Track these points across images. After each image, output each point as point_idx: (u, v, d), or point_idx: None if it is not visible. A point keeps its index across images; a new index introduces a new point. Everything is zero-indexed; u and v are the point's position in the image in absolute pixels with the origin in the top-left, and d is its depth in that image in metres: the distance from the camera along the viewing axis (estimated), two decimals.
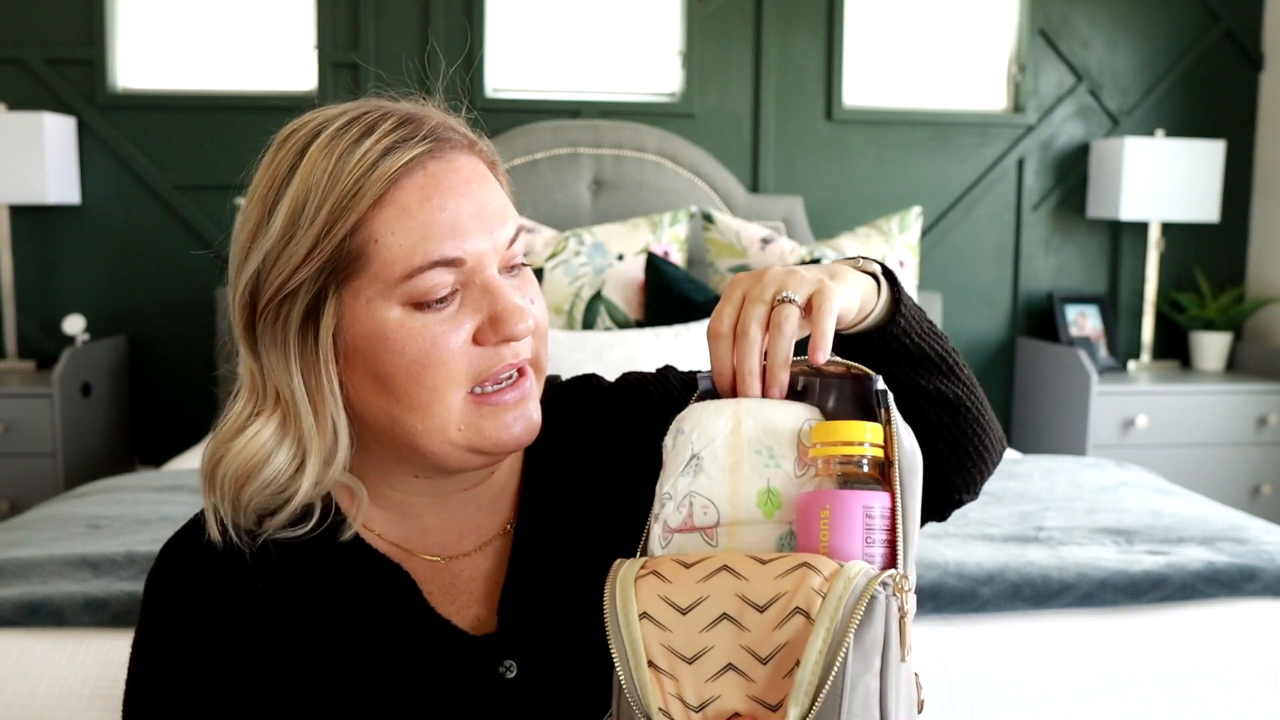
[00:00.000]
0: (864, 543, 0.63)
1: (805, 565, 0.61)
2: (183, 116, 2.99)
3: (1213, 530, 1.56)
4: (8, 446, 2.62)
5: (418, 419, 0.73)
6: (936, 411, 0.79)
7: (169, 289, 3.02)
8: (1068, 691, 1.25)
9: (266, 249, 0.71)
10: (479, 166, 0.75)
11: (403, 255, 0.69)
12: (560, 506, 0.83)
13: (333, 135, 0.71)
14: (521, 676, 0.77)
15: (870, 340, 0.77)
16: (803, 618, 0.59)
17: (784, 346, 0.68)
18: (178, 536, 0.81)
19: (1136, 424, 2.89)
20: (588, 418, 0.86)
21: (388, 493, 0.81)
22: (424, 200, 0.70)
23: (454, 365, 0.72)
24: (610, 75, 3.12)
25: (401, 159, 0.70)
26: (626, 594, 0.63)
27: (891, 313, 0.77)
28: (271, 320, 0.72)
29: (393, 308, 0.71)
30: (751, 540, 0.67)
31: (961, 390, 0.80)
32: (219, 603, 0.77)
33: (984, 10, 3.22)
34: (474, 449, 0.75)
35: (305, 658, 0.76)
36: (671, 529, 0.68)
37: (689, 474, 0.69)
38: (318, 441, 0.73)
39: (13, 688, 1.19)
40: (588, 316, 2.54)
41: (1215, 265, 3.35)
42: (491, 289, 0.72)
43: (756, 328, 0.68)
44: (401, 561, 0.80)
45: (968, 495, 0.84)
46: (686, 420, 0.70)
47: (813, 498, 0.65)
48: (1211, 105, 3.29)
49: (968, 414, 0.80)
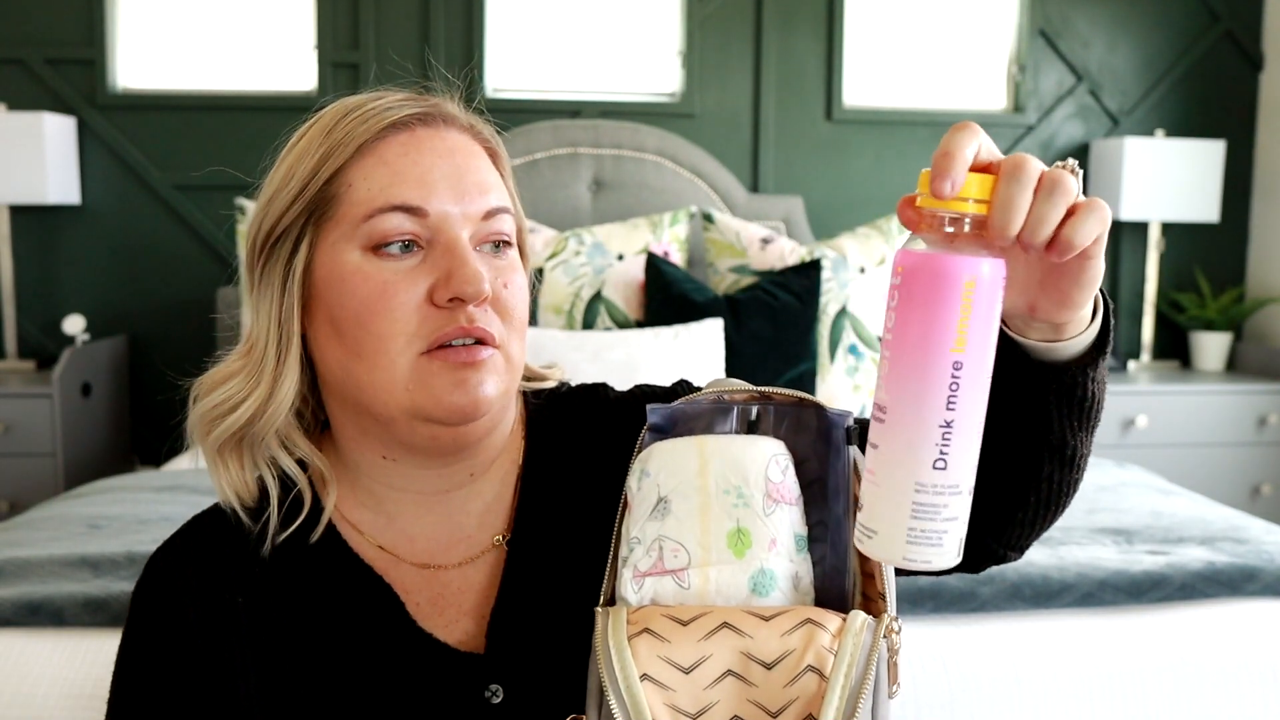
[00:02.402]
0: (994, 334, 0.55)
1: (810, 622, 0.64)
2: (183, 116, 2.99)
3: (1213, 530, 1.56)
4: (8, 446, 2.62)
5: (365, 370, 0.72)
6: (1053, 467, 0.71)
7: (169, 289, 3.02)
8: (1068, 691, 1.25)
9: (271, 191, 0.75)
10: (473, 146, 0.77)
11: (368, 198, 0.72)
12: (558, 522, 0.80)
13: (347, 101, 0.76)
14: (508, 702, 0.75)
15: (1046, 372, 0.67)
16: (816, 675, 0.62)
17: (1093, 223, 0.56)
18: (164, 548, 0.81)
19: (1136, 424, 2.89)
20: (593, 429, 0.83)
21: (366, 483, 0.79)
22: (402, 154, 0.73)
23: (402, 316, 0.71)
24: (610, 75, 3.12)
25: (392, 116, 0.74)
26: (623, 656, 0.63)
27: (1095, 350, 0.67)
28: (262, 264, 0.76)
29: (353, 250, 0.72)
30: (723, 580, 0.67)
31: (1088, 449, 0.72)
32: (201, 616, 0.76)
33: (984, 10, 3.22)
34: (420, 413, 0.72)
35: (287, 671, 0.75)
36: (642, 573, 0.68)
37: (657, 517, 0.68)
38: (267, 379, 0.75)
39: (13, 688, 1.19)
40: (588, 316, 2.54)
41: (1215, 265, 3.35)
42: (452, 249, 0.72)
43: (1072, 181, 0.55)
44: (388, 569, 0.78)
45: (1013, 554, 0.78)
46: (651, 461, 0.69)
47: (947, 263, 0.53)
48: (1211, 105, 3.29)
49: (1077, 475, 0.73)
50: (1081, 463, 0.72)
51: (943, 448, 0.54)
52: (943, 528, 0.55)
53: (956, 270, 0.53)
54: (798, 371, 2.42)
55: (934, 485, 0.55)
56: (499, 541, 0.80)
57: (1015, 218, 0.53)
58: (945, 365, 0.53)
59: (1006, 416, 0.68)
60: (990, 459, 0.70)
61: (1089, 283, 0.60)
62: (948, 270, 0.53)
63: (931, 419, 0.54)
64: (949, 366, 0.53)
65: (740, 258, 2.64)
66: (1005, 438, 0.70)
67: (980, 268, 0.53)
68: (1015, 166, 0.54)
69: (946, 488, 0.55)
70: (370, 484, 0.79)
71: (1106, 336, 0.67)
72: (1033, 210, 0.54)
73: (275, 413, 0.75)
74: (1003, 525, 0.74)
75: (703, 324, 2.39)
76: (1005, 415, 0.68)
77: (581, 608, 0.75)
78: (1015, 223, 0.53)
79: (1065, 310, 0.62)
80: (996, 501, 0.73)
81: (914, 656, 1.25)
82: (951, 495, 0.55)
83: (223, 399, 0.75)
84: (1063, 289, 0.60)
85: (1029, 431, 0.69)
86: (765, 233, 2.68)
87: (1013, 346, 0.66)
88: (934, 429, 0.54)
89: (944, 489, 0.55)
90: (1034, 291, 0.62)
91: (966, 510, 0.56)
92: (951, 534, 0.56)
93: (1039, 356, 0.67)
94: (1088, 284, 0.60)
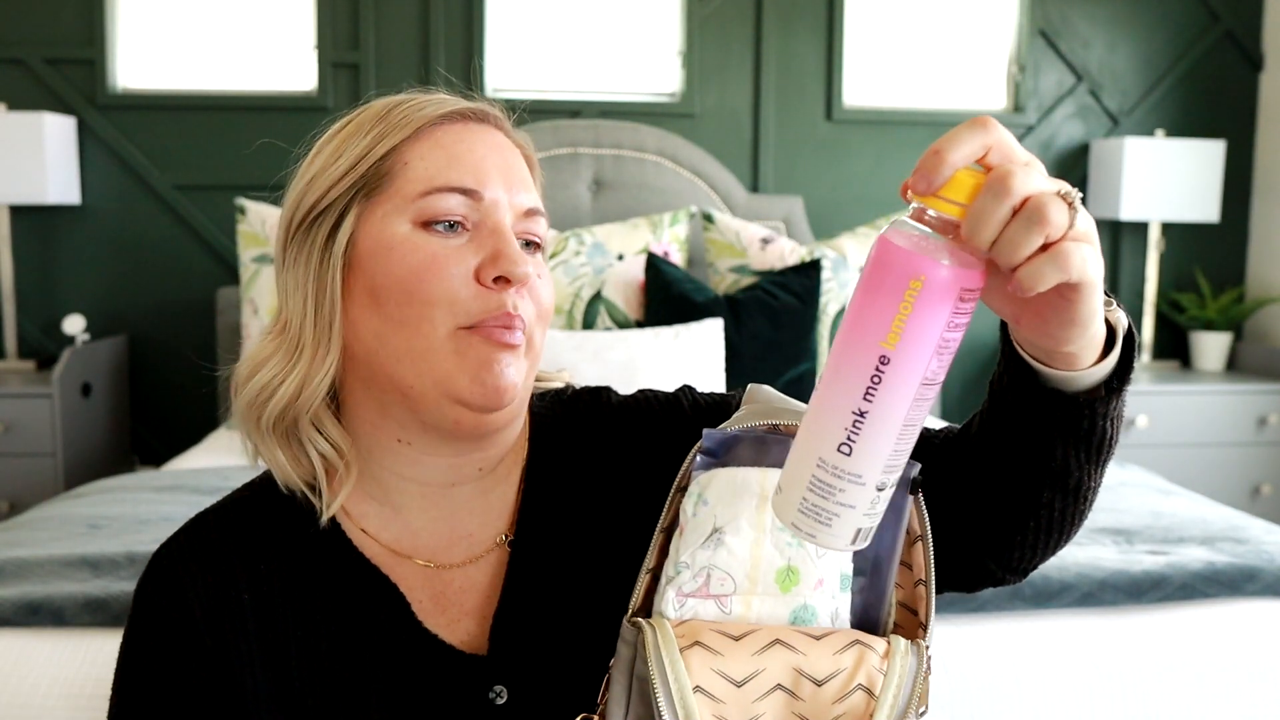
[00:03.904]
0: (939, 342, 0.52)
1: (859, 643, 0.66)
2: (183, 116, 2.99)
3: (1213, 530, 1.56)
4: (8, 446, 2.62)
5: (404, 338, 0.73)
6: (1054, 495, 0.69)
7: (169, 289, 3.02)
8: (1068, 691, 1.25)
9: (314, 172, 0.77)
10: (515, 149, 0.80)
11: (426, 176, 0.74)
12: (561, 522, 0.80)
13: (397, 95, 0.79)
14: (512, 703, 0.75)
15: (1051, 399, 0.64)
16: (865, 694, 0.65)
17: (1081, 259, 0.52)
18: (167, 545, 0.81)
19: (1136, 424, 2.89)
20: (596, 432, 0.84)
21: (375, 471, 0.79)
22: (458, 141, 0.76)
23: (451, 288, 0.73)
24: (610, 75, 3.12)
25: (448, 107, 0.77)
26: (677, 668, 0.64)
27: (1111, 385, 0.64)
28: (301, 238, 0.77)
29: (404, 223, 0.74)
30: (765, 611, 0.69)
31: (1097, 482, 0.69)
32: (206, 613, 0.76)
33: (984, 10, 3.22)
34: (450, 391, 0.73)
35: (292, 669, 0.75)
36: (685, 594, 0.69)
37: (709, 547, 0.69)
38: (307, 354, 0.75)
39: (13, 688, 1.19)
40: (588, 316, 2.54)
41: (1215, 265, 3.35)
42: (500, 231, 0.75)
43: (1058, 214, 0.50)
44: (393, 566, 0.78)
45: (1013, 577, 0.76)
46: (710, 489, 0.70)
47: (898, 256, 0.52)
48: (1211, 105, 3.29)
49: (1082, 506, 0.71)
50: (1088, 495, 0.70)
51: (850, 434, 0.53)
52: (834, 510, 0.55)
53: (905, 266, 0.51)
54: (798, 372, 2.42)
55: (834, 466, 0.54)
56: (502, 541, 0.80)
57: (985, 233, 0.50)
58: (871, 356, 0.52)
59: (1009, 436, 0.68)
60: (990, 478, 0.71)
61: (1071, 322, 0.56)
62: (897, 263, 0.51)
63: (846, 403, 0.53)
64: (874, 359, 0.52)
65: (740, 258, 2.64)
66: (1006, 458, 0.69)
67: (936, 271, 0.51)
68: (999, 180, 0.50)
69: (846, 473, 0.54)
70: (379, 471, 0.79)
71: (1127, 371, 0.63)
72: (1005, 231, 0.50)
73: (318, 388, 0.75)
74: (1001, 548, 0.73)
75: (703, 324, 2.39)
76: (1008, 434, 0.68)
77: (585, 610, 0.76)
78: (984, 237, 0.50)
79: (1045, 340, 0.59)
80: (995, 523, 0.72)
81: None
82: (851, 483, 0.54)
83: (265, 382, 0.76)
84: (1044, 317, 0.57)
85: (1029, 456, 0.67)
86: (765, 233, 2.68)
87: (1023, 366, 0.64)
88: (846, 413, 0.53)
89: (843, 474, 0.54)
90: (1016, 308, 0.58)
91: (869, 503, 0.55)
92: (844, 520, 0.55)
93: (1048, 383, 0.64)
94: (1070, 323, 0.56)
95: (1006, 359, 0.65)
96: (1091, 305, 0.55)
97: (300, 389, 0.75)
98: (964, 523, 0.74)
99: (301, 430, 0.77)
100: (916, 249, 0.51)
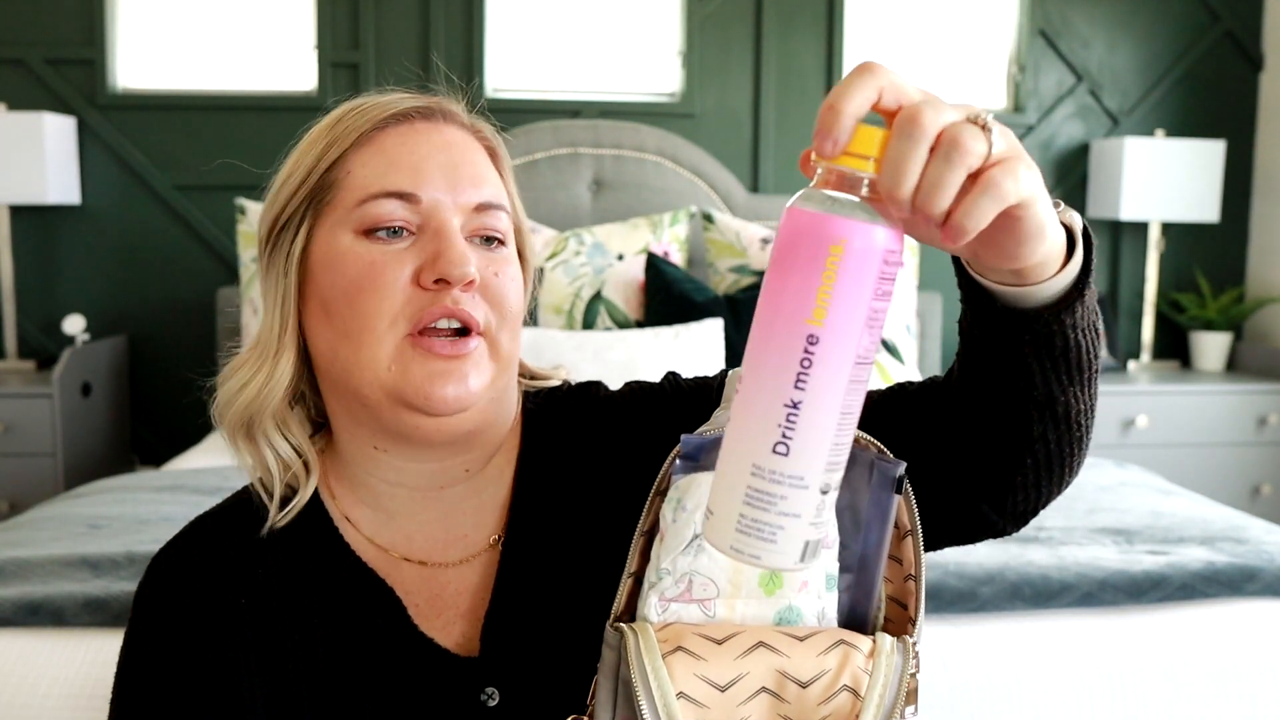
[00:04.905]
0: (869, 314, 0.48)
1: (844, 643, 0.66)
2: (183, 116, 2.99)
3: (1213, 530, 1.56)
4: (8, 446, 2.62)
5: (351, 349, 0.73)
6: (1046, 426, 0.66)
7: (169, 289, 3.02)
8: (1068, 691, 1.25)
9: (278, 183, 0.78)
10: (471, 143, 0.78)
11: (363, 184, 0.74)
12: (552, 521, 0.79)
13: (354, 99, 0.79)
14: (504, 705, 0.75)
15: (1017, 319, 0.61)
16: (850, 695, 0.64)
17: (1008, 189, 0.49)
18: (167, 548, 0.81)
19: (1136, 424, 2.89)
20: (586, 427, 0.83)
21: (363, 478, 0.79)
22: (399, 144, 0.75)
23: (389, 296, 0.72)
24: (610, 75, 3.12)
25: (392, 109, 0.76)
26: (660, 675, 0.64)
27: (1073, 292, 0.60)
28: (269, 251, 0.77)
29: (346, 234, 0.73)
30: (749, 613, 0.68)
31: (1086, 404, 0.66)
32: (204, 617, 0.77)
33: (984, 10, 3.22)
34: (401, 398, 0.72)
35: (289, 672, 0.75)
36: (668, 599, 0.68)
37: (690, 553, 0.68)
38: (269, 361, 0.77)
39: (13, 688, 1.19)
40: (588, 316, 2.54)
41: (1215, 265, 3.35)
42: (442, 233, 0.73)
43: (976, 141, 0.47)
44: (389, 570, 0.78)
45: (1012, 525, 0.73)
46: (690, 496, 0.68)
47: (811, 222, 0.47)
48: (1211, 105, 3.29)
49: (1079, 434, 0.67)
50: (1079, 420, 0.66)
51: (786, 430, 0.48)
52: (778, 521, 0.49)
53: (822, 232, 0.46)
54: None
55: (771, 471, 0.48)
56: (495, 542, 0.80)
57: (904, 181, 0.46)
58: (797, 338, 0.47)
59: (987, 371, 0.65)
60: (978, 419, 0.69)
61: (1028, 237, 0.53)
62: (812, 231, 0.46)
63: (776, 396, 0.48)
64: (801, 340, 0.47)
65: (740, 258, 2.64)
66: (990, 395, 0.66)
67: (856, 232, 0.46)
68: (907, 120, 0.46)
69: (786, 477, 0.48)
70: (366, 479, 0.79)
71: (1087, 276, 0.60)
72: (927, 174, 0.46)
73: (271, 392, 0.76)
74: (1001, 491, 0.70)
75: (703, 324, 2.39)
76: (985, 369, 0.65)
77: (576, 611, 0.75)
78: (905, 186, 0.46)
79: (1009, 262, 0.55)
80: (991, 466, 0.69)
81: None
82: (793, 487, 0.48)
83: (233, 385, 0.78)
84: (999, 242, 0.54)
85: (1011, 387, 0.64)
86: (765, 233, 2.68)
87: (979, 291, 0.61)
88: (778, 408, 0.48)
89: (782, 478, 0.48)
90: (973, 243, 0.54)
91: (815, 510, 0.49)
92: (789, 533, 0.49)
93: (1007, 303, 0.61)
94: (1027, 238, 0.53)
95: (966, 294, 0.63)
96: (1041, 216, 0.52)
97: (257, 395, 0.77)
98: (957, 470, 0.71)
99: (264, 433, 0.78)
100: (832, 212, 0.46)
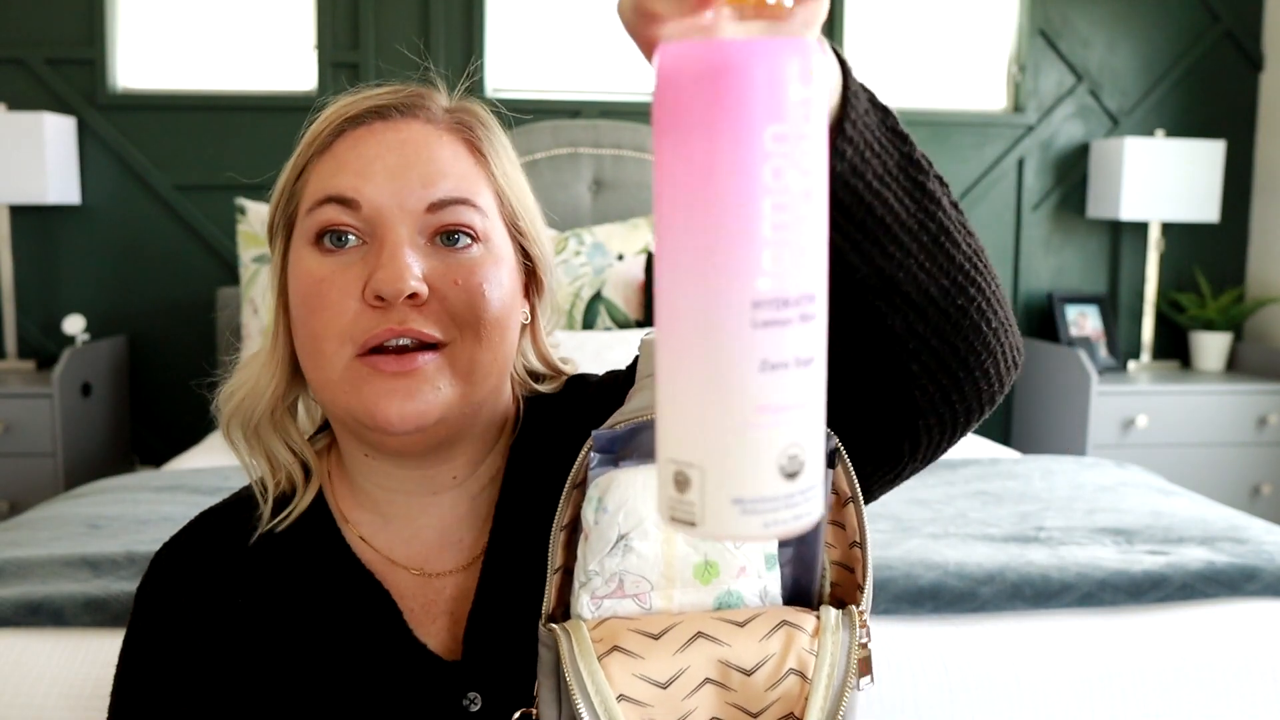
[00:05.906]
0: None
1: (786, 624, 0.63)
2: (183, 116, 2.99)
3: (1213, 530, 1.56)
4: (8, 446, 2.62)
5: (313, 367, 0.72)
6: (890, 310, 0.57)
7: (169, 289, 3.02)
8: (1068, 691, 1.25)
9: (273, 191, 0.77)
10: (435, 137, 0.73)
11: (312, 191, 0.72)
12: (537, 525, 0.76)
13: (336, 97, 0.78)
14: (486, 710, 0.73)
15: None
16: (798, 677, 0.62)
17: None
18: (167, 547, 0.81)
19: (1136, 424, 2.89)
20: (571, 424, 0.78)
21: (361, 483, 0.79)
22: (350, 148, 0.72)
23: (337, 315, 0.69)
24: (610, 75, 3.12)
25: (348, 112, 0.74)
26: (597, 678, 0.61)
27: (835, 131, 0.53)
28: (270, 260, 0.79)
29: (305, 246, 0.73)
30: (687, 601, 0.65)
31: (921, 271, 0.56)
32: (203, 616, 0.77)
33: (984, 10, 3.22)
34: (356, 417, 0.70)
35: (285, 673, 0.75)
36: (600, 597, 0.65)
37: (617, 554, 0.64)
38: (267, 366, 0.78)
39: (13, 688, 1.19)
40: (588, 316, 2.54)
41: (1215, 265, 3.35)
42: (384, 244, 0.69)
43: None
44: (386, 574, 0.78)
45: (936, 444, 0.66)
46: (610, 495, 0.64)
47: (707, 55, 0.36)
48: (1211, 105, 3.29)
49: (932, 314, 0.57)
50: (925, 296, 0.56)
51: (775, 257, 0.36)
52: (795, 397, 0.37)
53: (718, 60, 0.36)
54: None
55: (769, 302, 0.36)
56: None
57: None
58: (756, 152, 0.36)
59: None
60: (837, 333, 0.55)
61: None
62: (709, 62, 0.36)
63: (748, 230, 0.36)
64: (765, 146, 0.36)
65: None
66: None
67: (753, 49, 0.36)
68: None
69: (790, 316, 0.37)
70: (363, 483, 0.79)
71: (847, 111, 0.52)
72: None
73: (263, 395, 0.77)
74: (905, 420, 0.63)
75: None
76: None
77: None
78: None
79: None
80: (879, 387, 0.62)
81: (914, 656, 1.25)
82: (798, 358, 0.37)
83: (232, 384, 0.79)
84: None
85: (834, 276, 0.55)
86: None
87: None
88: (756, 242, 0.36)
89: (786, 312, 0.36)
90: None
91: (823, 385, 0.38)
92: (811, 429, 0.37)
93: None
94: None
95: None
96: None
97: (252, 395, 0.77)
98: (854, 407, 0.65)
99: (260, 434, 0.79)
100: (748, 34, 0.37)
